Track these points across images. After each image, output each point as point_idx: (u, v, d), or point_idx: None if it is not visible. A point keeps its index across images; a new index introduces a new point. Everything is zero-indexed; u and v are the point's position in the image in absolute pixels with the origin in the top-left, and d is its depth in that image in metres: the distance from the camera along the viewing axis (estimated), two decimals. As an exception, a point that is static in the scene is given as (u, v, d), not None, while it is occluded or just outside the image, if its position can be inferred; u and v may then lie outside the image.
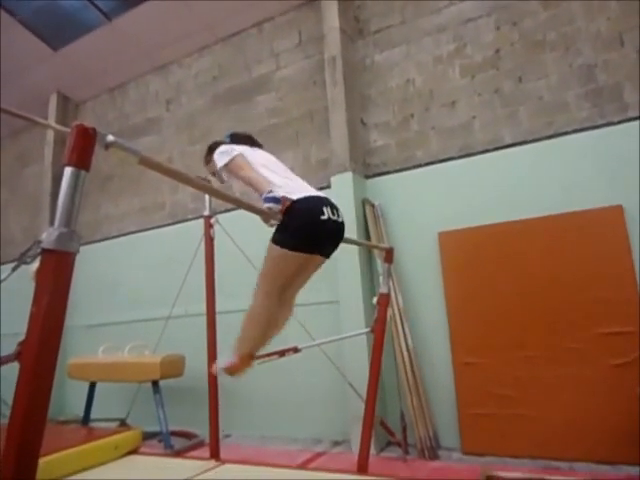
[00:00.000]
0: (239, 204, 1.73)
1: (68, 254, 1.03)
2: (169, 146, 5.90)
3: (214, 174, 2.51)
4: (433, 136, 4.25)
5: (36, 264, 1.01)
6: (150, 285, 5.45)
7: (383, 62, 4.60)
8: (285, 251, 1.97)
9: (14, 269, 1.01)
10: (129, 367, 4.46)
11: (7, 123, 7.15)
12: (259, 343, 2.13)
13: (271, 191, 1.99)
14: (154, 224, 5.78)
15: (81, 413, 4.91)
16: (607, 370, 3.29)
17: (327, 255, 2.23)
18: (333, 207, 2.13)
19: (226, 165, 2.26)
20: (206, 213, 3.56)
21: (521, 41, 4.01)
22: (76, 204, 1.06)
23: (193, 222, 5.02)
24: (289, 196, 2.02)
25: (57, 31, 5.79)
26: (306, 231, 1.99)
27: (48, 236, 1.01)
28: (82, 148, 1.07)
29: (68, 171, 1.06)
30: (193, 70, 5.91)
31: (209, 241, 3.58)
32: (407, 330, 3.92)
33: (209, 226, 3.58)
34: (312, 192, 2.15)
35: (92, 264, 5.54)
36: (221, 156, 2.28)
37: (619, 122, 3.54)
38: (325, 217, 2.02)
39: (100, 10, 5.45)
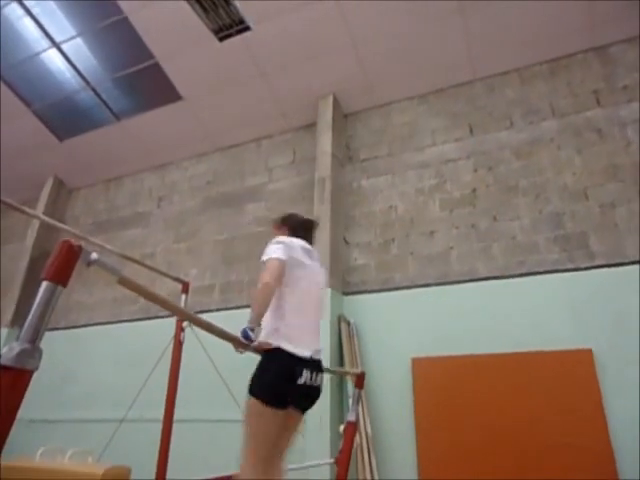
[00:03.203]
0: (212, 332, 1.73)
1: (25, 372, 0.99)
2: (154, 241, 5.96)
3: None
4: (412, 261, 4.39)
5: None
6: (108, 383, 5.14)
7: (369, 187, 4.90)
8: (261, 407, 1.85)
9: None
10: (65, 477, 4.02)
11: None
12: None
13: (253, 329, 1.86)
14: (124, 317, 5.63)
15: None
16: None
17: (302, 410, 2.08)
18: (315, 370, 2.02)
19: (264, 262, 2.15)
20: (179, 315, 3.50)
21: (496, 184, 4.35)
22: (46, 320, 1.04)
23: (165, 320, 4.89)
24: (280, 342, 1.93)
25: (66, 124, 6.12)
26: (277, 389, 1.88)
27: (8, 351, 0.97)
28: (64, 264, 1.09)
29: (44, 285, 1.06)
30: (189, 173, 6.20)
31: (178, 345, 3.47)
32: (374, 462, 3.69)
33: (180, 329, 3.50)
34: (309, 347, 2.03)
35: (50, 352, 5.17)
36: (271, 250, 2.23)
37: (586, 268, 3.73)
38: (302, 381, 1.92)
39: (111, 111, 5.83)
